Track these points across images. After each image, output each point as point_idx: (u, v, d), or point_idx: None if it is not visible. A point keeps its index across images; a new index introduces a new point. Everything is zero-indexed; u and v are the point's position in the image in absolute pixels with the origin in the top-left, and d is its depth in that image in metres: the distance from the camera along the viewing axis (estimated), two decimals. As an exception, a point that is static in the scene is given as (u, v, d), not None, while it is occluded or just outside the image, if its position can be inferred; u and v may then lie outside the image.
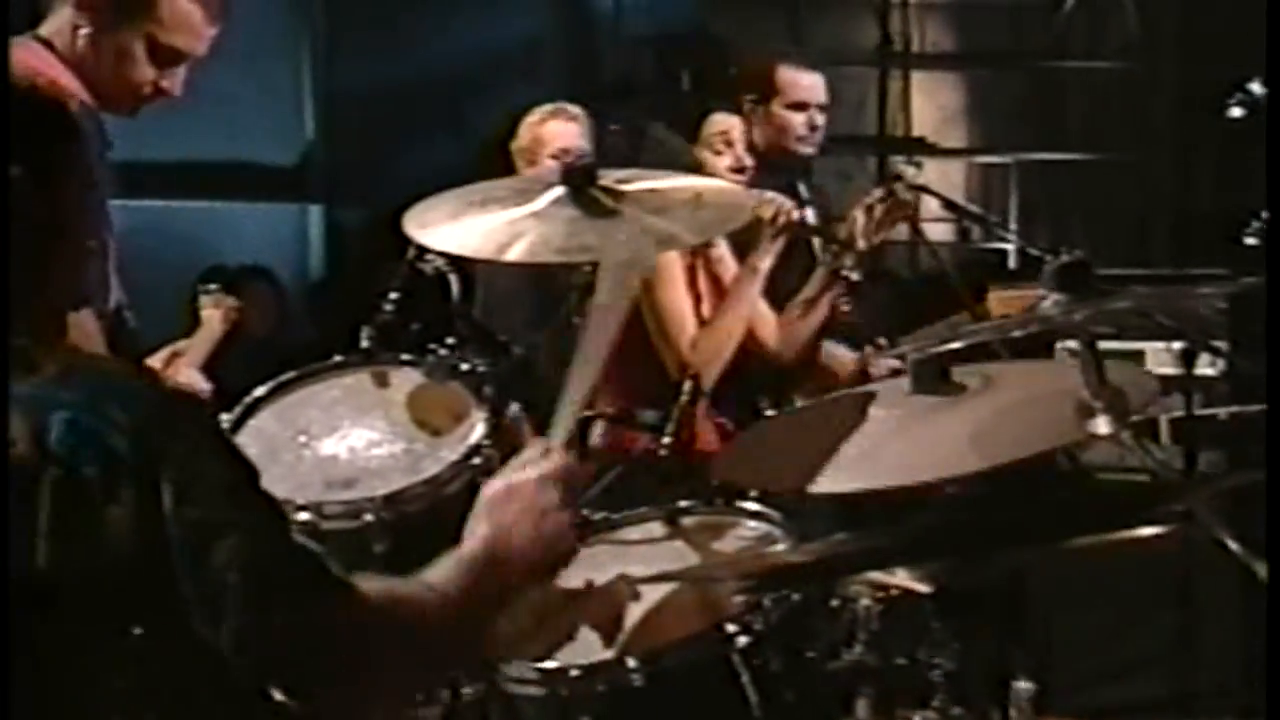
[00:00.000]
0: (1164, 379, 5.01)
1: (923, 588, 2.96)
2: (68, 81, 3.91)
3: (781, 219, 4.84)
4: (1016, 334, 3.14)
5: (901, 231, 7.51)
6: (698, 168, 4.84)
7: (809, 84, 5.94)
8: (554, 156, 6.07)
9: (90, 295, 3.85)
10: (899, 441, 3.18)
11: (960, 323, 6.13)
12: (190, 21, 4.01)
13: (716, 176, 4.86)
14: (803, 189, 5.85)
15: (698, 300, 4.74)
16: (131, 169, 8.94)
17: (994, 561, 2.99)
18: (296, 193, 9.64)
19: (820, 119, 5.92)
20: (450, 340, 3.64)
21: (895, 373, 5.66)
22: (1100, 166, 9.61)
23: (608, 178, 3.38)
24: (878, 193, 5.05)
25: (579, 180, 3.36)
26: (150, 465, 2.18)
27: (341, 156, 9.41)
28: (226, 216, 9.39)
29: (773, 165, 5.80)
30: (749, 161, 5.04)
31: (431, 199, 3.48)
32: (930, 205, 8.69)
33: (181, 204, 9.20)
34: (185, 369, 4.41)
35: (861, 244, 4.95)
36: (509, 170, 5.93)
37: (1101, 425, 2.88)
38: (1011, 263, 8.61)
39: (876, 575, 3.13)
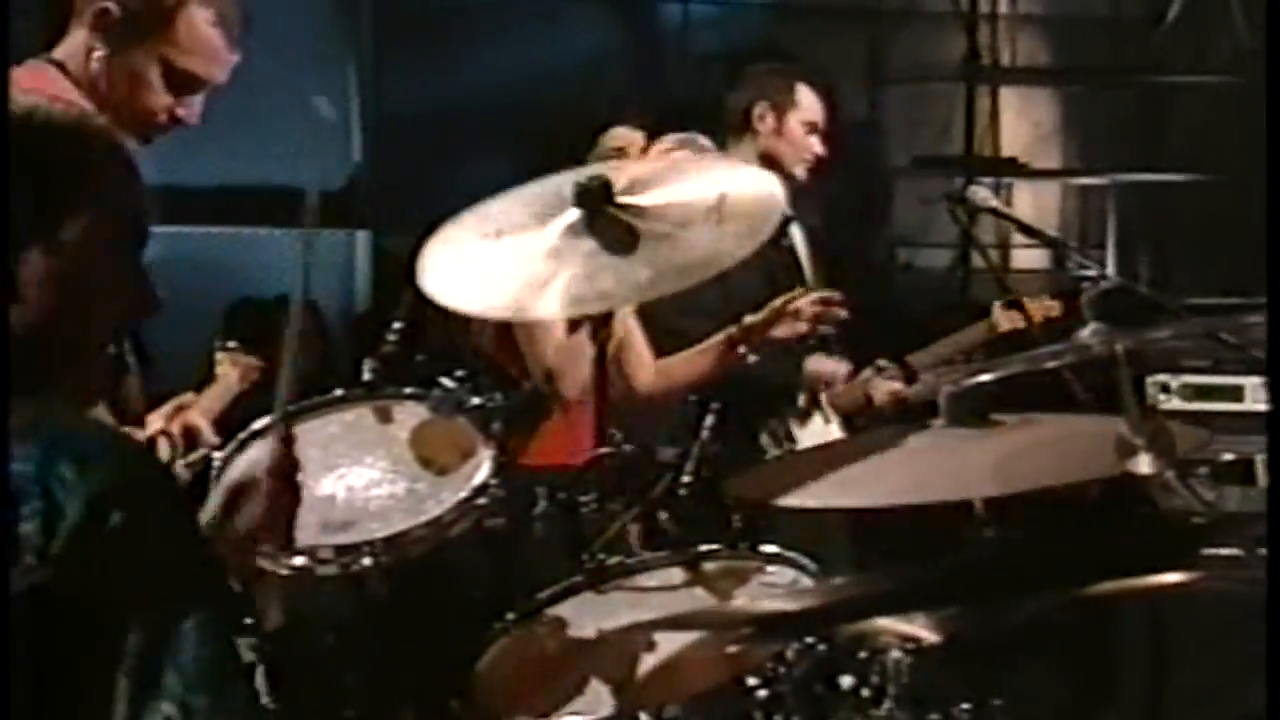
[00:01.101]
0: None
1: (931, 636, 2.74)
2: (82, 105, 3.74)
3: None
4: (1051, 365, 2.92)
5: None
6: None
7: (822, 109, 5.82)
8: None
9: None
10: (915, 462, 2.98)
11: (972, 341, 5.97)
12: (209, 46, 3.83)
13: None
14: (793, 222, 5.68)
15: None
16: (168, 194, 8.88)
17: (1015, 608, 2.76)
18: (342, 219, 9.18)
19: (823, 149, 5.78)
20: (458, 373, 3.42)
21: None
22: (1204, 188, 8.93)
23: (619, 185, 3.21)
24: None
25: (593, 201, 3.18)
26: (92, 531, 1.99)
27: (390, 180, 9.16)
28: (268, 244, 9.13)
29: None
30: None
31: (443, 231, 3.31)
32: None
33: (220, 230, 9.05)
34: (194, 415, 4.20)
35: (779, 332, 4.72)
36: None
37: (1143, 464, 2.69)
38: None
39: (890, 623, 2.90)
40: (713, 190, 3.20)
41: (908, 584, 2.28)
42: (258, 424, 3.35)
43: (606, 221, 3.16)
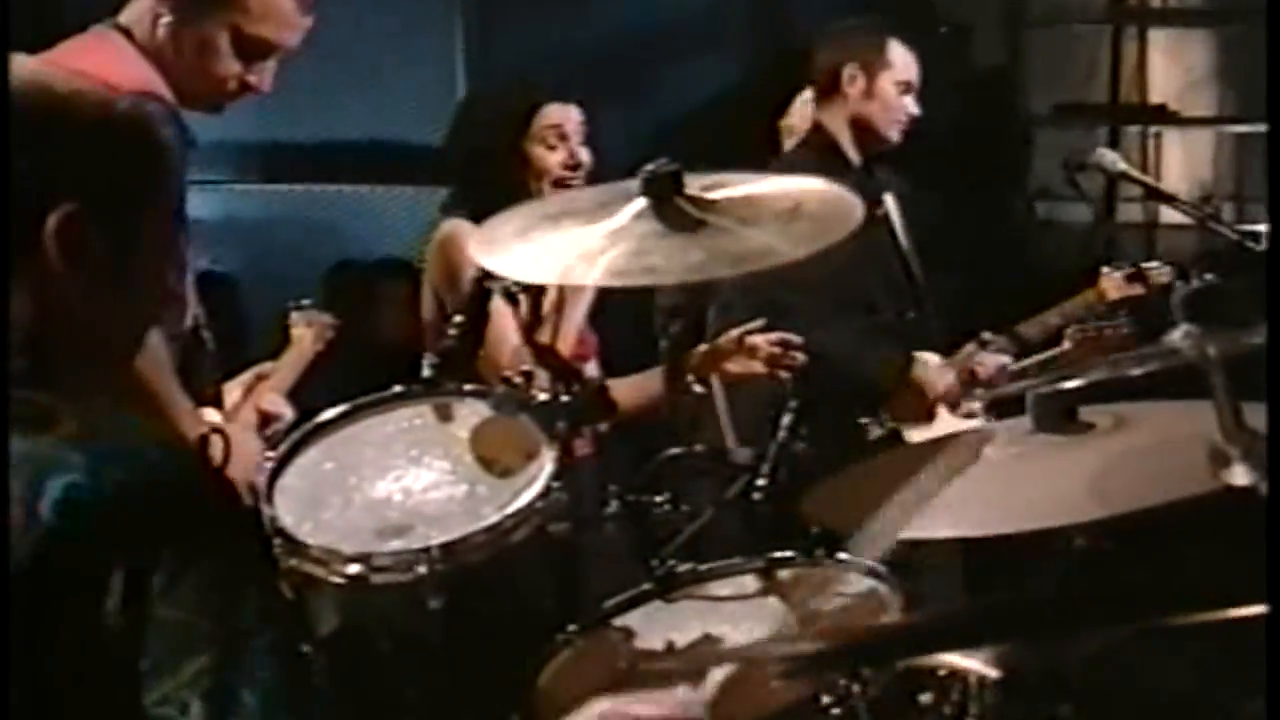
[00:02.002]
0: None
1: (989, 671, 2.57)
2: (146, 76, 3.62)
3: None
4: (1136, 372, 2.73)
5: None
6: None
7: (915, 66, 5.56)
8: None
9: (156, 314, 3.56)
10: (1011, 483, 2.82)
11: (1080, 309, 5.73)
12: (280, 10, 3.72)
13: (547, 174, 4.46)
14: (881, 174, 5.50)
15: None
16: (272, 152, 8.79)
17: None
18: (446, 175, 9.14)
19: (916, 109, 5.54)
20: (523, 370, 3.28)
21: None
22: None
23: (695, 184, 3.04)
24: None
25: (662, 190, 3.02)
26: (142, 546, 1.86)
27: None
28: (371, 203, 8.99)
29: (857, 143, 5.50)
30: (585, 157, 4.50)
31: (506, 212, 3.17)
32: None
33: (322, 189, 8.89)
34: (269, 394, 4.11)
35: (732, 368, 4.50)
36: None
37: (1239, 475, 2.50)
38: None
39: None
40: (789, 197, 3.03)
41: (976, 620, 2.11)
42: (308, 425, 3.24)
43: (672, 210, 3.00)
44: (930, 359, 5.40)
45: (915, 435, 5.26)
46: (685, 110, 8.54)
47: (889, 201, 5.49)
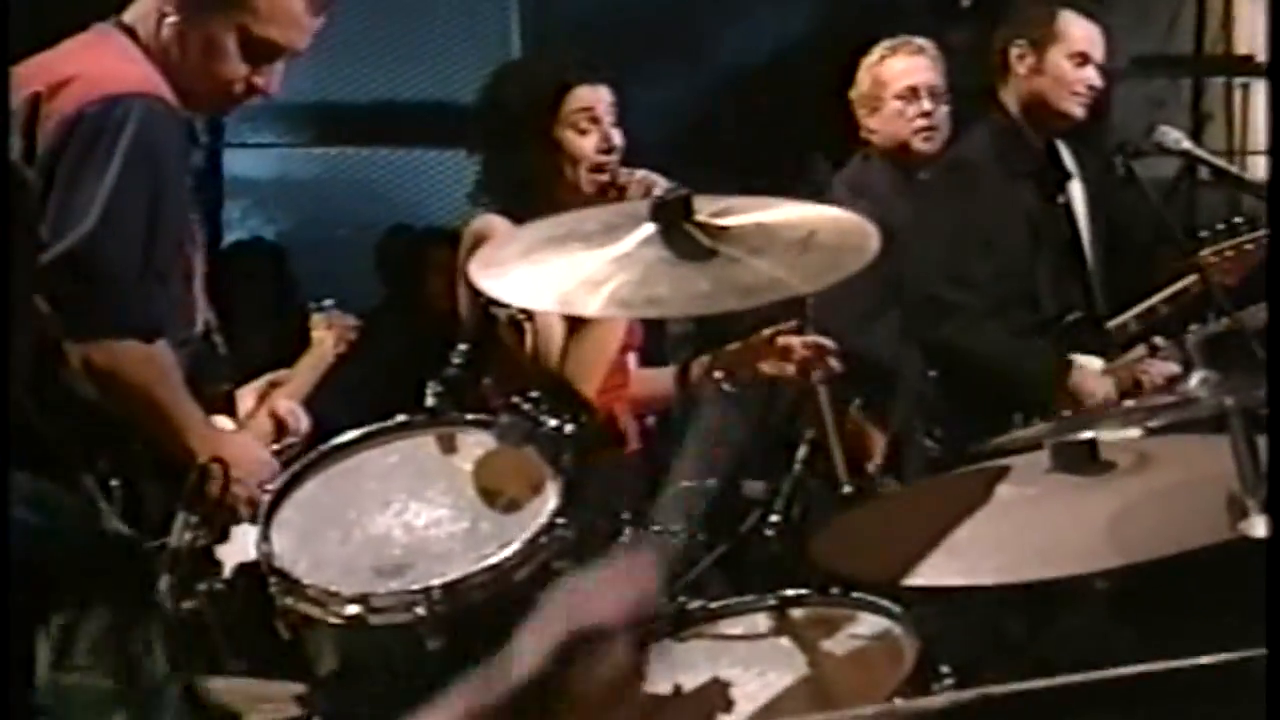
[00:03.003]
0: None
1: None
2: (147, 75, 3.55)
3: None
4: (1154, 425, 2.63)
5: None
6: None
7: (1094, 36, 5.37)
8: (900, 97, 5.64)
9: (163, 326, 3.50)
10: (1023, 524, 2.71)
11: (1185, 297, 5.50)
12: (289, 12, 3.65)
13: (582, 160, 4.26)
14: (1067, 156, 5.34)
15: None
16: (321, 115, 8.76)
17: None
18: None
19: (1099, 80, 5.36)
20: (532, 394, 3.17)
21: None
22: None
23: (706, 210, 2.94)
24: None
25: (671, 216, 2.91)
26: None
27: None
28: (421, 165, 8.96)
29: (1035, 123, 5.34)
30: (618, 140, 4.31)
31: (512, 232, 3.07)
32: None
33: (372, 151, 8.86)
34: (284, 401, 4.04)
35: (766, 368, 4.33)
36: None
37: (1259, 526, 2.41)
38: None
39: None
40: (803, 226, 2.92)
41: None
42: (308, 456, 3.16)
43: (681, 237, 2.90)
44: (1091, 364, 5.24)
45: None
46: (747, 66, 8.44)
47: (1073, 189, 5.38)
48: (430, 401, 3.21)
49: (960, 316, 4.87)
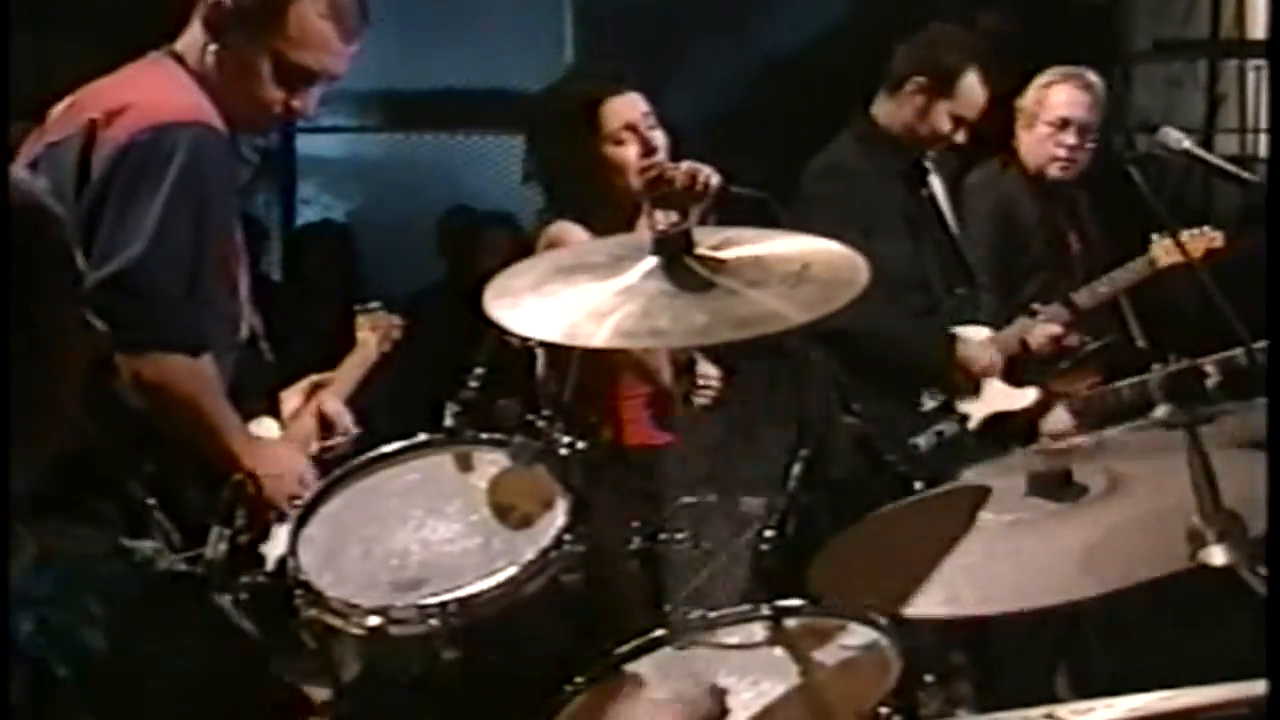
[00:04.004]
0: None
1: None
2: (197, 101, 3.73)
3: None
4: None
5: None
6: None
7: (980, 91, 5.62)
8: (1051, 124, 5.93)
9: (208, 341, 3.68)
10: (1005, 558, 2.87)
11: (1132, 279, 5.74)
12: (322, 39, 3.83)
13: (626, 168, 4.45)
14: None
15: None
16: (390, 100, 9.11)
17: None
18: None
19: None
20: (545, 415, 3.35)
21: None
22: None
23: (706, 243, 3.11)
24: None
25: (673, 250, 3.08)
26: (128, 659, 1.96)
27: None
28: (480, 149, 9.35)
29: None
30: (660, 140, 4.49)
31: (521, 264, 3.24)
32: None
33: (435, 135, 9.32)
34: (330, 401, 4.21)
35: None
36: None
37: (1216, 555, 2.57)
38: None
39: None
40: (798, 260, 3.09)
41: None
42: (333, 474, 3.34)
43: (682, 270, 3.07)
44: (974, 334, 5.53)
45: (965, 406, 5.46)
46: (789, 51, 8.68)
47: (933, 183, 5.63)
48: (449, 421, 3.41)
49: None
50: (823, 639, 3.17)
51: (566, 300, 3.07)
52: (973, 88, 5.53)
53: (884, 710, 2.95)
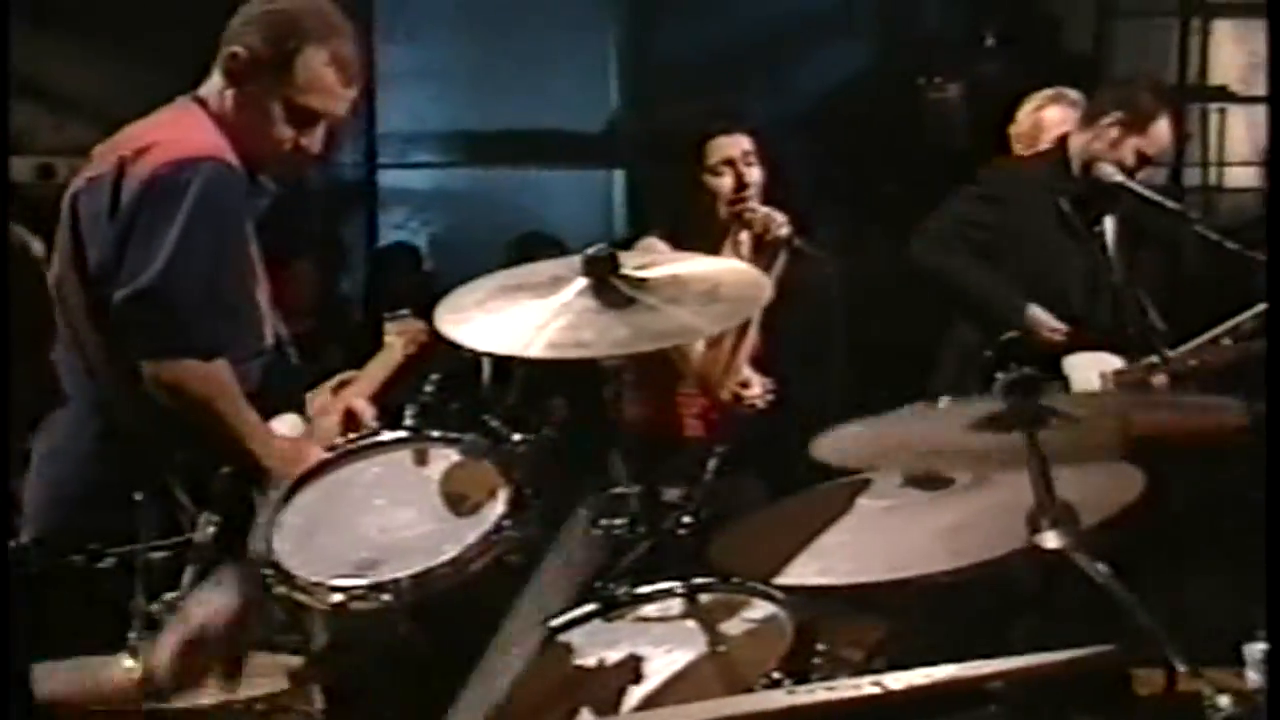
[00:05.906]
0: None
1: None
2: (218, 142, 4.19)
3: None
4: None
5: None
6: None
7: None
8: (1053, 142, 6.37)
9: (223, 348, 4.11)
10: (878, 531, 3.32)
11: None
12: (324, 84, 4.29)
13: (718, 196, 5.14)
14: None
15: None
16: (459, 139, 10.05)
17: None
18: (602, 159, 10.56)
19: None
20: (497, 414, 3.79)
21: None
22: None
23: (630, 264, 3.54)
24: None
25: (600, 270, 3.52)
26: None
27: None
28: (541, 183, 10.58)
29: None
30: (755, 177, 5.17)
31: (471, 283, 3.67)
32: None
33: (503, 170, 10.56)
34: (357, 399, 4.63)
35: None
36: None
37: (1049, 539, 2.98)
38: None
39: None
40: (710, 279, 3.54)
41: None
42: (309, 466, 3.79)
43: (608, 289, 3.50)
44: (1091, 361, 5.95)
45: None
46: (820, 96, 9.73)
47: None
48: (409, 421, 3.87)
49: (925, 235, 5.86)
50: (730, 612, 3.54)
51: (510, 316, 3.52)
52: (1163, 129, 6.03)
53: (777, 675, 3.32)
